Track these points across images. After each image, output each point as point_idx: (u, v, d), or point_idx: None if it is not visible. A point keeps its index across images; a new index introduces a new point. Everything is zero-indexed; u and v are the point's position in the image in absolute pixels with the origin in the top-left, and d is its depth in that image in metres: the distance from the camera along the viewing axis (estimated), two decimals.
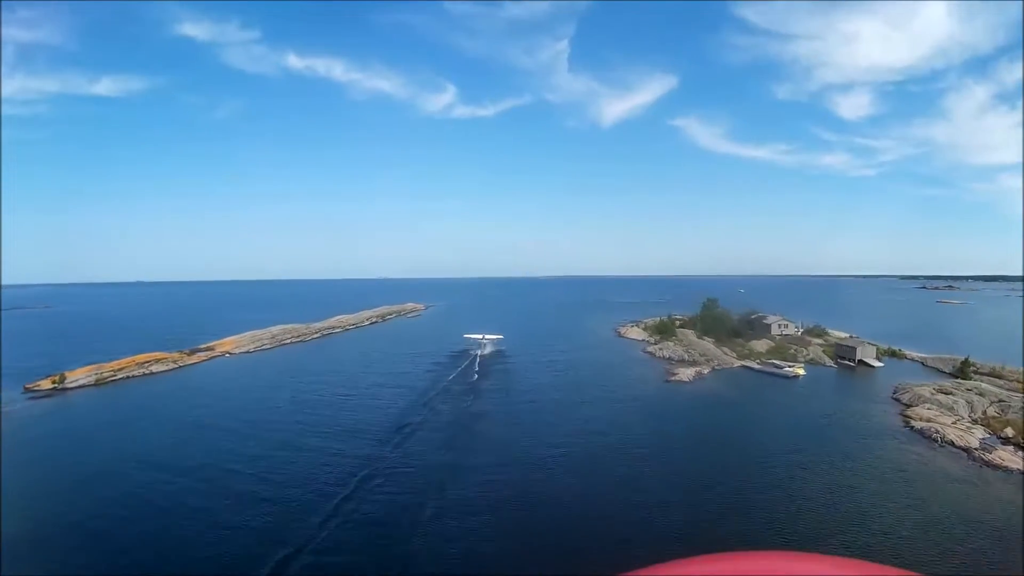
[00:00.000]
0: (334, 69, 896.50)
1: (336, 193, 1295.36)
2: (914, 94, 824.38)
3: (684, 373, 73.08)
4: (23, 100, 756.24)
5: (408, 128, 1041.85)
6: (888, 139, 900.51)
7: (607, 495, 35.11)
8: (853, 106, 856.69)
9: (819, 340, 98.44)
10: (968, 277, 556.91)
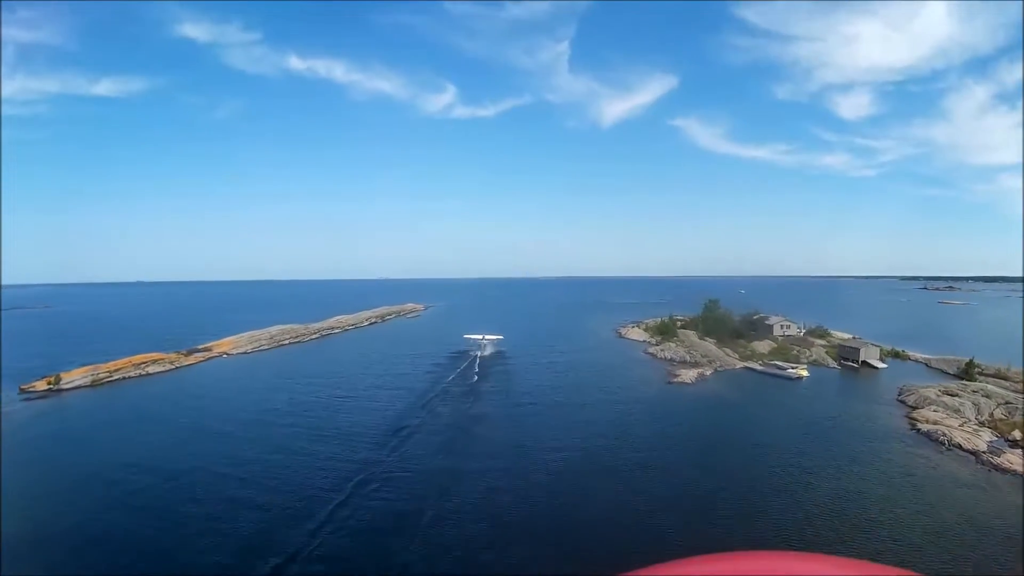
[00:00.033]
0: (335, 70, 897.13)
1: (336, 193, 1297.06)
2: (914, 94, 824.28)
3: (686, 375, 72.28)
4: (23, 100, 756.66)
5: (408, 128, 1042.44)
6: (888, 139, 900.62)
7: (610, 501, 34.20)
8: (853, 106, 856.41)
9: (821, 341, 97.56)
10: (969, 278, 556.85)
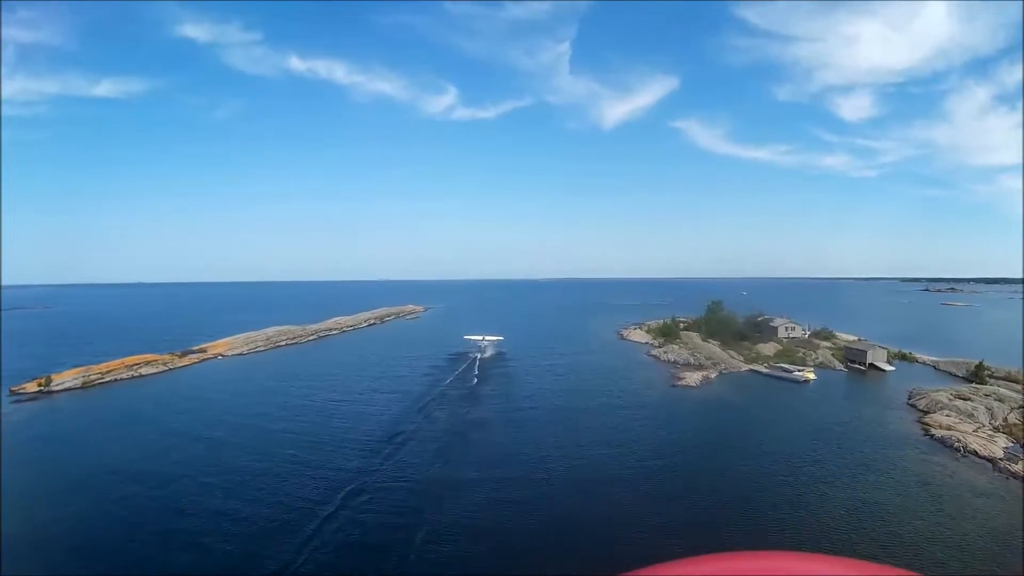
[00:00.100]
0: (336, 71, 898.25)
1: (336, 193, 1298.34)
2: (915, 95, 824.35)
3: (691, 377, 70.57)
4: (23, 101, 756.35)
5: (409, 130, 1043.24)
6: (889, 140, 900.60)
7: (616, 515, 32.35)
8: (854, 107, 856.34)
9: (827, 343, 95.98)
10: (970, 279, 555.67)
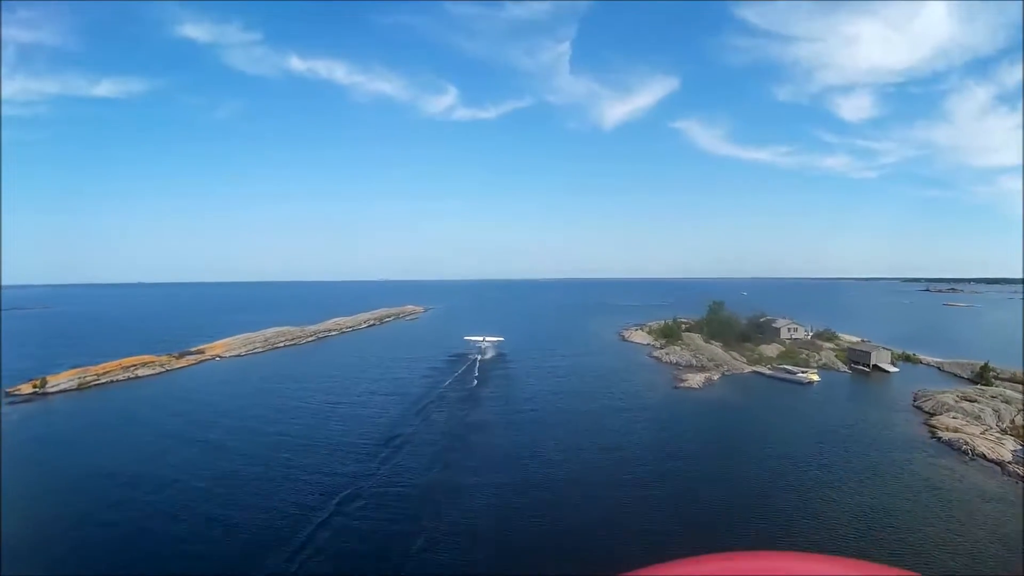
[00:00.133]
0: (336, 71, 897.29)
1: (337, 193, 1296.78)
2: (915, 96, 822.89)
3: (693, 379, 69.63)
4: (23, 101, 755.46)
5: (409, 130, 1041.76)
6: (889, 141, 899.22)
7: (619, 521, 31.50)
8: (854, 108, 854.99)
9: (830, 344, 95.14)
10: (970, 280, 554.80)
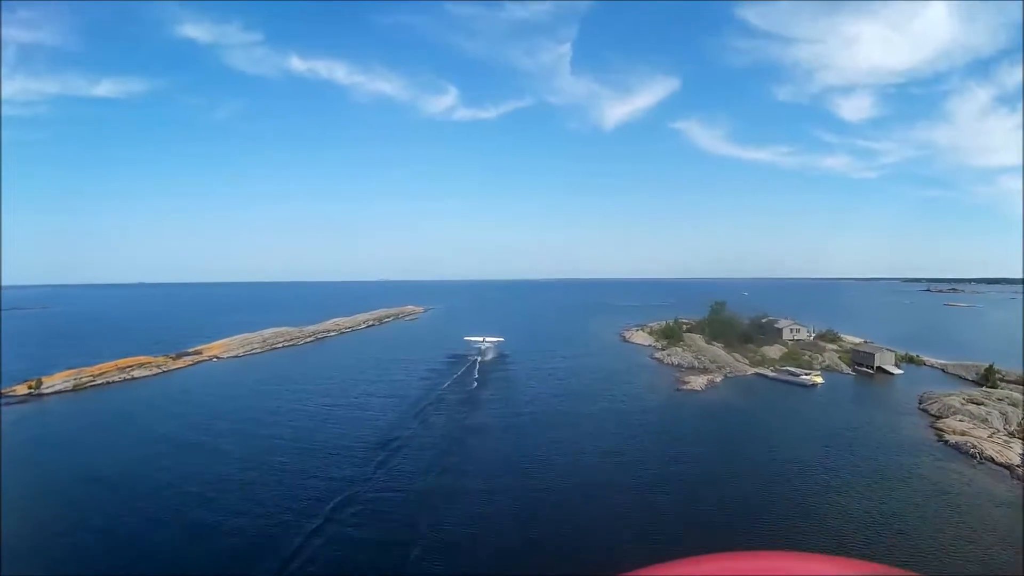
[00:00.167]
0: (336, 71, 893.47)
1: (337, 193, 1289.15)
2: (916, 96, 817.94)
3: (695, 382, 68.72)
4: (23, 101, 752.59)
5: (409, 130, 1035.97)
6: (890, 141, 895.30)
7: (619, 528, 30.58)
8: (855, 108, 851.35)
9: (833, 345, 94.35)
10: (971, 280, 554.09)
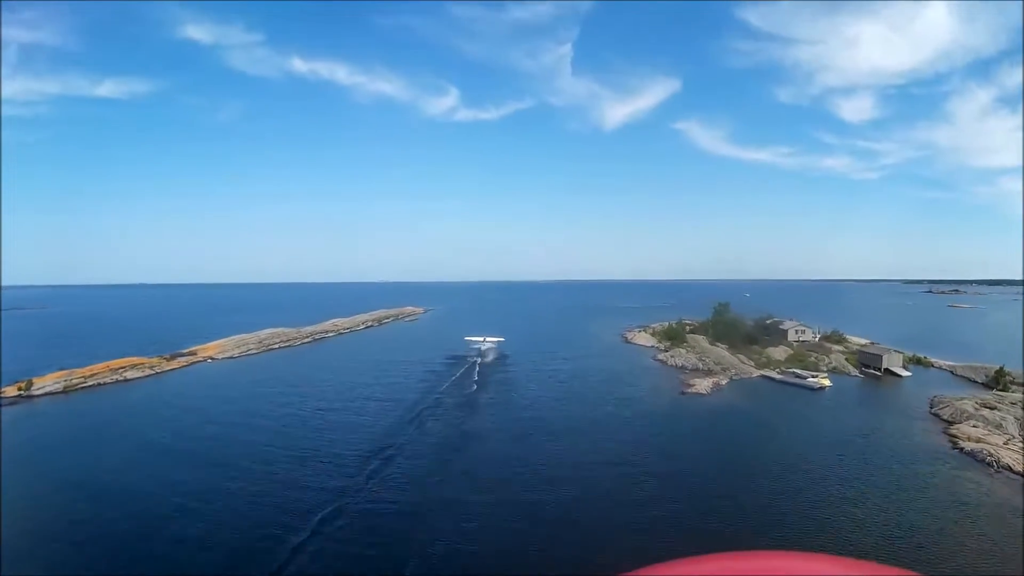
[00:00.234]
0: (337, 72, 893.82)
1: (337, 194, 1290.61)
2: (916, 97, 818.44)
3: (700, 384, 67.03)
4: (24, 101, 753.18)
5: (410, 131, 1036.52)
6: (890, 142, 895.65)
7: (624, 542, 29.03)
8: (855, 109, 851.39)
9: (839, 347, 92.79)
10: (972, 281, 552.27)
